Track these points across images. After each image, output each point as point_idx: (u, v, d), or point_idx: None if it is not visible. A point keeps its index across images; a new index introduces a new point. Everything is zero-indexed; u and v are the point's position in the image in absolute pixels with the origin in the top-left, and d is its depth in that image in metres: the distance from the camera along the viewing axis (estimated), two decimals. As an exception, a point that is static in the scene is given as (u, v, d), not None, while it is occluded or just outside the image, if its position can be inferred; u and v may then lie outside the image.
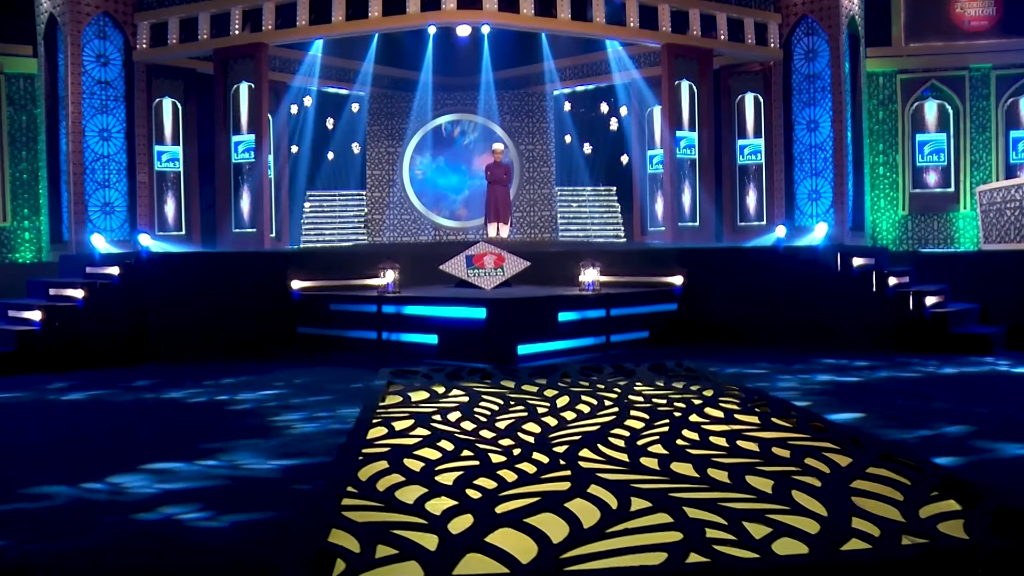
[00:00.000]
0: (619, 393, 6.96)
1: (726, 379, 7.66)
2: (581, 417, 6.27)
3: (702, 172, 19.00)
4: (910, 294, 11.72)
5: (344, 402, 7.61)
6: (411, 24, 17.73)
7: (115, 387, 9.14)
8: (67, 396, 8.66)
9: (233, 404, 8.00)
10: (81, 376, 9.92)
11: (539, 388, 7.23)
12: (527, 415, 6.30)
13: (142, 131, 19.11)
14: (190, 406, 8.03)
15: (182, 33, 18.73)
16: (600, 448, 5.37)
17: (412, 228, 21.55)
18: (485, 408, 6.50)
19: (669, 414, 6.26)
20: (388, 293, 11.92)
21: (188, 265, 12.55)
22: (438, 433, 5.69)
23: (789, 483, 4.55)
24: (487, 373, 7.90)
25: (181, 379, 9.59)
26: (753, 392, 6.91)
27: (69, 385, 9.31)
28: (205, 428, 6.93)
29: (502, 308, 10.61)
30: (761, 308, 12.49)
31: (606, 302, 11.72)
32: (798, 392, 8.09)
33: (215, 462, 5.67)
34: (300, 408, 7.52)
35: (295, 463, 5.47)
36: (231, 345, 11.91)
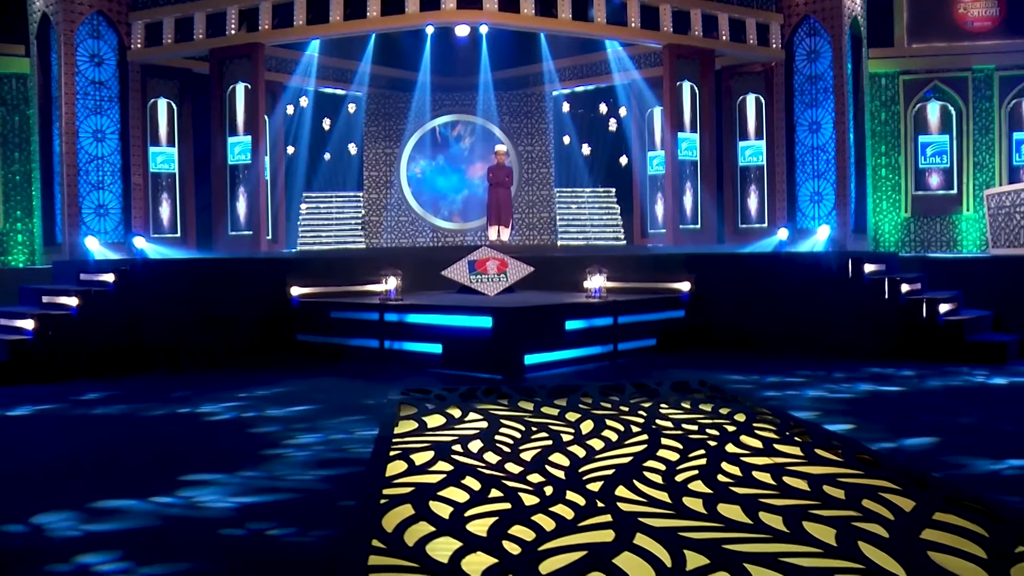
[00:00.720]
0: (645, 417, 6.50)
1: (756, 401, 7.21)
2: (609, 446, 5.81)
3: (703, 174, 18.57)
4: (923, 301, 11.30)
5: (351, 420, 7.16)
6: (410, 24, 17.25)
7: (109, 402, 8.65)
8: (60, 411, 8.17)
9: (234, 422, 7.54)
10: (75, 388, 9.43)
11: (560, 411, 6.78)
12: (552, 444, 5.84)
13: (137, 132, 18.59)
14: (186, 423, 7.56)
15: (177, 33, 18.21)
16: (637, 485, 4.92)
17: (410, 230, 21.07)
18: (506, 435, 6.05)
19: (703, 443, 5.81)
20: (390, 300, 11.47)
21: (184, 271, 12.06)
22: (461, 467, 5.23)
23: (852, 532, 4.10)
24: (502, 393, 7.44)
25: (177, 392, 9.11)
26: (789, 418, 6.46)
27: (63, 398, 8.82)
28: (203, 450, 6.48)
29: (509, 317, 10.15)
30: (770, 315, 12.06)
31: (613, 309, 11.28)
32: (817, 407, 7.67)
33: (214, 496, 5.22)
34: (307, 428, 7.08)
35: (308, 498, 5.02)
36: (229, 354, 11.43)
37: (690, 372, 9.78)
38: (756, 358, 10.99)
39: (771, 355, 11.22)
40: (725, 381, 9.16)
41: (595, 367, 10.62)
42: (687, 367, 10.30)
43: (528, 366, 10.17)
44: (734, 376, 9.52)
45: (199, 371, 10.52)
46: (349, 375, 10.16)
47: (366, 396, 8.62)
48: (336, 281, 12.53)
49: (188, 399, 8.63)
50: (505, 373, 9.98)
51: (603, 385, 7.75)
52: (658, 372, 9.91)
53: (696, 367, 10.24)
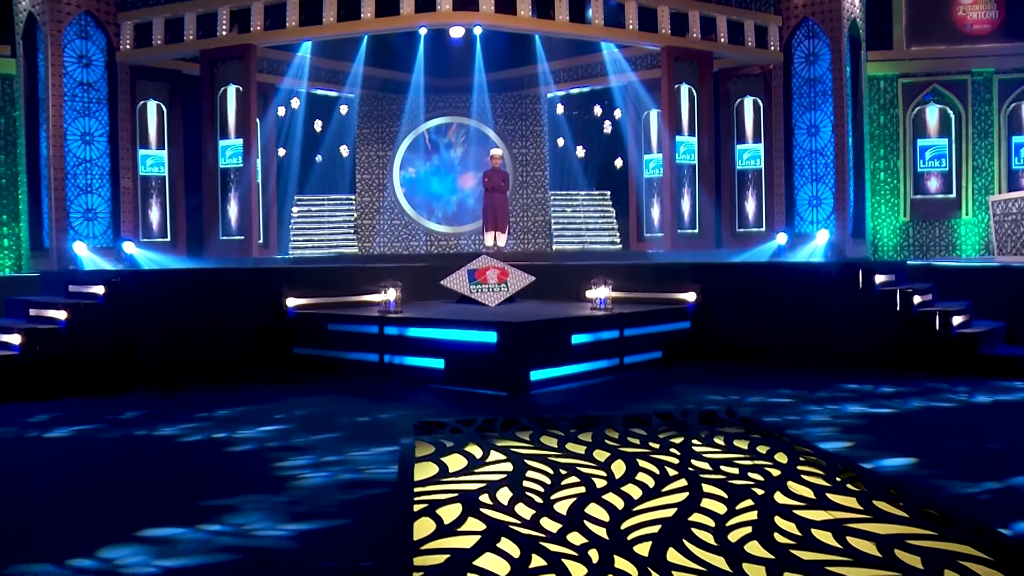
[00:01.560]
0: (679, 457, 5.98)
1: (792, 437, 6.69)
2: (647, 494, 5.29)
3: (702, 178, 18.08)
4: (935, 313, 10.80)
5: (362, 453, 6.64)
6: (405, 25, 16.68)
7: (101, 420, 8.04)
8: (49, 432, 7.57)
9: (232, 444, 6.96)
10: (64, 406, 8.81)
11: (586, 448, 6.24)
12: (585, 491, 5.32)
13: (126, 135, 17.95)
14: (185, 446, 6.97)
15: (167, 33, 17.58)
16: (688, 547, 4.40)
17: (403, 234, 20.49)
18: (535, 480, 5.52)
19: (748, 490, 5.29)
20: (390, 312, 10.89)
21: (177, 283, 11.45)
22: (495, 526, 4.68)
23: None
24: (521, 425, 6.91)
25: (173, 411, 8.50)
26: (835, 459, 5.95)
27: (51, 418, 8.19)
28: (204, 477, 5.94)
29: (514, 332, 9.62)
30: (778, 326, 11.56)
31: (620, 322, 10.76)
32: (832, 428, 7.15)
33: (220, 527, 4.72)
34: (308, 450, 6.53)
35: (316, 532, 4.48)
36: (224, 369, 10.84)
37: (702, 390, 9.27)
38: (767, 372, 10.49)
39: (781, 369, 10.71)
40: (741, 401, 8.67)
41: (601, 382, 10.11)
42: (698, 383, 9.78)
43: (534, 382, 9.65)
44: (751, 396, 9.02)
45: (192, 388, 9.93)
46: (350, 392, 9.60)
47: (373, 420, 8.10)
48: (333, 292, 11.96)
49: (179, 421, 8.05)
50: (511, 390, 9.47)
51: (627, 416, 7.22)
52: (669, 389, 9.40)
53: (707, 384, 9.73)
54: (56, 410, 8.68)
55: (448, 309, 11.51)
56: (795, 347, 11.36)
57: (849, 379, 9.86)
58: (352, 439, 7.13)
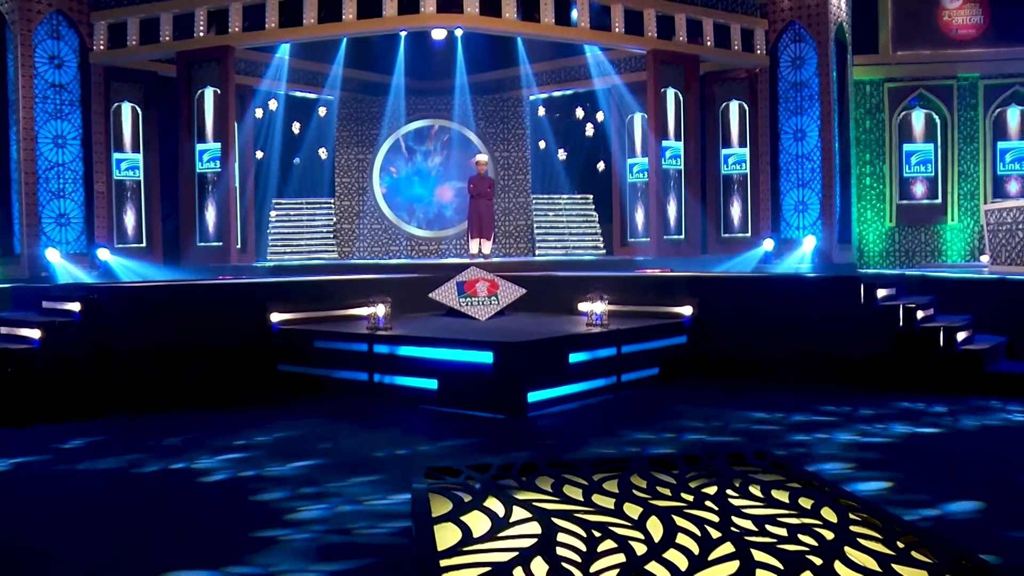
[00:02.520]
0: (717, 512, 5.37)
1: (836, 488, 6.11)
2: (694, 564, 4.69)
3: (688, 183, 17.57)
4: (940, 329, 10.27)
5: (360, 483, 6.04)
6: (387, 28, 16.10)
7: (77, 457, 7.30)
8: (20, 465, 6.87)
9: (222, 481, 6.31)
10: (38, 433, 8.11)
11: (615, 500, 5.63)
12: (625, 558, 4.71)
13: (100, 138, 17.21)
14: (169, 483, 6.31)
15: (142, 34, 16.85)
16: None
17: (383, 238, 19.81)
18: (569, 546, 4.90)
19: (803, 559, 4.70)
20: (379, 328, 10.23)
21: (158, 299, 10.71)
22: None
23: None
24: (540, 471, 6.28)
25: (156, 437, 7.81)
26: (890, 519, 5.37)
27: (23, 448, 7.48)
28: (196, 524, 5.30)
29: (512, 352, 9.01)
30: (777, 342, 10.98)
31: (617, 339, 10.17)
32: (856, 461, 6.60)
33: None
34: (314, 496, 5.90)
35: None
36: (207, 388, 10.12)
37: (705, 412, 8.76)
38: (768, 391, 9.95)
39: (782, 386, 10.17)
40: (744, 418, 8.18)
41: (600, 402, 9.54)
42: (699, 403, 9.26)
43: (531, 404, 9.06)
44: (755, 414, 8.48)
45: (173, 411, 9.23)
46: (340, 414, 8.97)
47: (367, 444, 7.48)
48: (319, 306, 11.29)
49: (163, 449, 7.35)
50: (507, 412, 8.89)
51: (650, 459, 6.62)
52: (671, 411, 8.89)
53: (709, 404, 9.21)
54: (29, 439, 7.95)
55: (439, 325, 10.89)
56: (795, 363, 10.81)
57: (856, 398, 9.34)
58: (354, 471, 6.50)
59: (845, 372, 10.50)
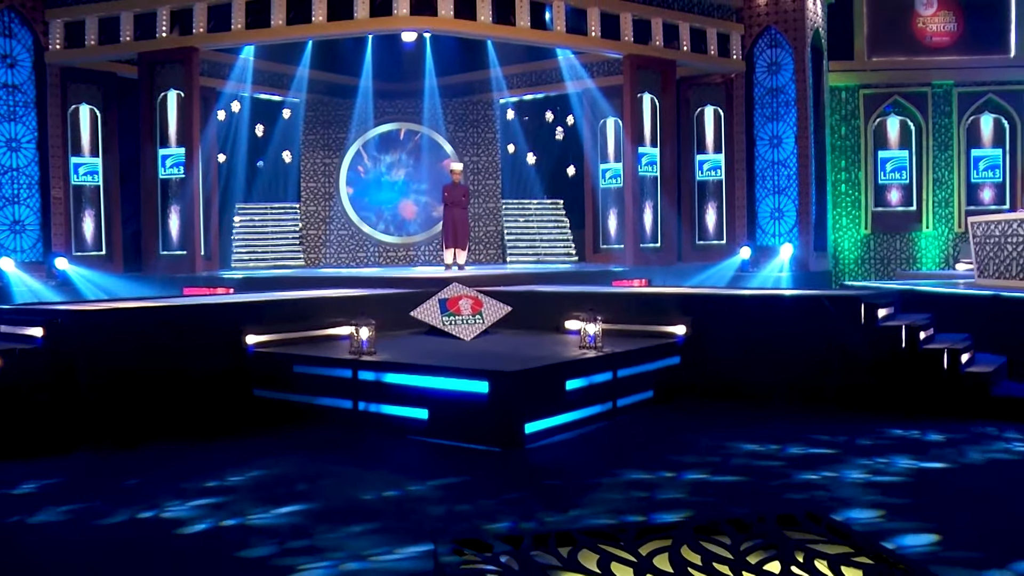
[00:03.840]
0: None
1: (906, 559, 5.53)
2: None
3: (664, 190, 17.02)
4: (944, 351, 9.75)
5: (358, 532, 5.40)
6: (359, 30, 15.42)
7: (28, 506, 6.45)
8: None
9: (200, 534, 5.61)
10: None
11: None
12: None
13: (56, 141, 16.29)
14: (138, 539, 5.57)
15: (101, 33, 15.97)
16: None
17: (350, 245, 19.07)
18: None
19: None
20: (363, 352, 9.53)
21: (127, 322, 9.85)
22: None
23: None
24: (574, 540, 5.65)
25: (122, 477, 7.05)
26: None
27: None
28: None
29: (508, 382, 8.36)
30: (773, 363, 10.41)
31: (613, 363, 9.56)
32: (877, 507, 6.04)
33: None
34: (305, 550, 5.23)
35: None
36: (179, 417, 9.33)
37: (708, 440, 8.21)
38: (763, 415, 9.41)
39: (777, 411, 9.63)
40: (746, 453, 7.62)
41: (596, 430, 8.94)
42: (700, 431, 8.70)
43: (528, 435, 8.42)
44: (756, 447, 7.92)
45: (144, 445, 8.45)
46: (323, 447, 8.28)
47: (357, 484, 6.79)
48: (297, 326, 10.56)
49: (129, 493, 6.62)
50: (503, 444, 8.24)
51: (696, 526, 5.98)
52: (673, 440, 8.34)
53: (710, 431, 8.65)
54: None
55: (424, 348, 10.23)
56: (792, 386, 10.25)
57: (854, 425, 8.81)
58: (349, 517, 5.83)
59: (844, 395, 9.97)
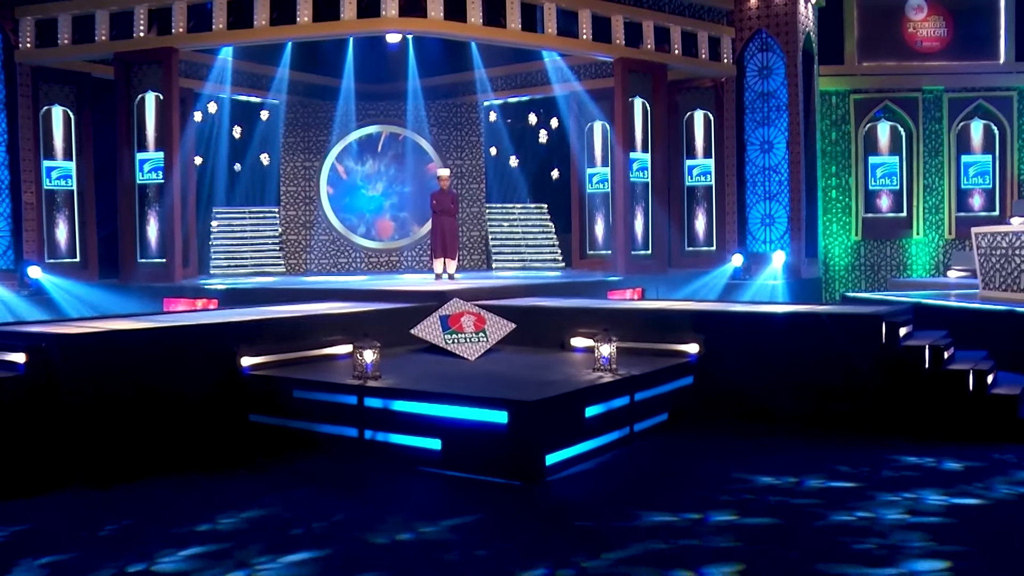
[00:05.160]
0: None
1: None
2: None
3: (655, 196, 16.51)
4: (969, 372, 9.30)
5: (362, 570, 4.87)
6: (346, 32, 14.83)
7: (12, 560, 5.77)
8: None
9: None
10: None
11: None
12: None
13: (28, 144, 15.49)
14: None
15: (75, 33, 15.20)
16: None
17: (331, 250, 18.39)
18: None
19: None
20: (368, 376, 8.93)
21: (116, 345, 9.06)
22: None
23: None
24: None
25: (107, 519, 6.33)
26: None
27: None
28: None
29: (528, 411, 7.79)
30: (791, 384, 9.89)
31: (630, 386, 9.03)
32: (938, 556, 5.56)
33: None
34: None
35: None
36: (170, 447, 8.63)
37: (733, 470, 7.69)
38: (779, 440, 8.91)
39: (794, 434, 9.12)
40: (773, 489, 7.12)
41: (615, 458, 8.42)
42: (722, 458, 8.21)
43: (549, 467, 7.88)
44: (774, 480, 7.40)
45: (133, 480, 7.73)
46: (328, 481, 7.64)
47: (370, 524, 6.20)
48: (294, 345, 9.93)
49: (115, 540, 5.94)
50: (524, 478, 7.67)
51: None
52: (696, 470, 7.87)
53: (732, 460, 8.14)
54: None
55: (429, 370, 9.64)
56: (811, 409, 9.76)
57: (877, 450, 8.32)
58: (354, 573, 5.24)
59: (862, 417, 9.48)
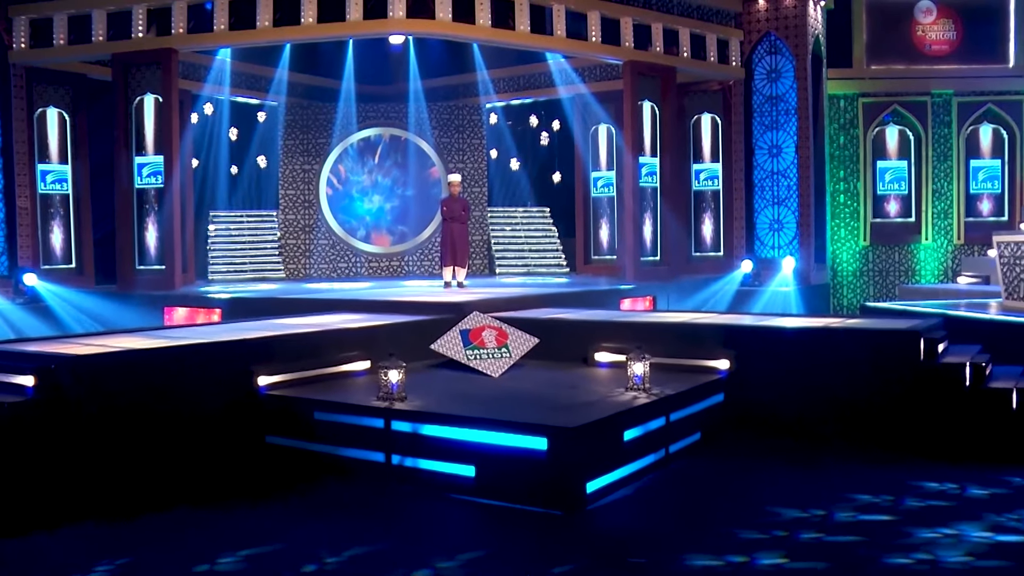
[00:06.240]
0: None
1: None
2: None
3: (664, 201, 16.11)
4: (1013, 391, 8.92)
5: None
6: (352, 33, 14.42)
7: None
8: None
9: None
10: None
11: None
12: None
13: (22, 147, 14.94)
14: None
15: (71, 33, 14.66)
16: None
17: (331, 254, 17.89)
18: None
19: None
20: (393, 396, 8.47)
21: (130, 366, 8.49)
22: None
23: None
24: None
25: (115, 555, 5.87)
26: None
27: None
28: None
29: (569, 438, 7.36)
30: (825, 402, 9.46)
31: (666, 407, 8.63)
32: None
33: None
34: None
35: None
36: (184, 473, 8.07)
37: (775, 494, 7.31)
38: (817, 462, 8.50)
39: (826, 454, 8.74)
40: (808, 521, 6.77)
41: (651, 482, 8.01)
42: (761, 482, 7.85)
43: (589, 494, 7.45)
44: (814, 511, 7.02)
45: (144, 512, 7.15)
46: (354, 511, 7.13)
47: (405, 560, 5.76)
48: (311, 363, 9.46)
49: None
50: (564, 507, 7.24)
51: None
52: (736, 494, 7.50)
53: (773, 483, 7.78)
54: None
55: (456, 389, 9.20)
56: (846, 428, 9.35)
57: (915, 472, 7.88)
58: None
59: (901, 438, 9.05)
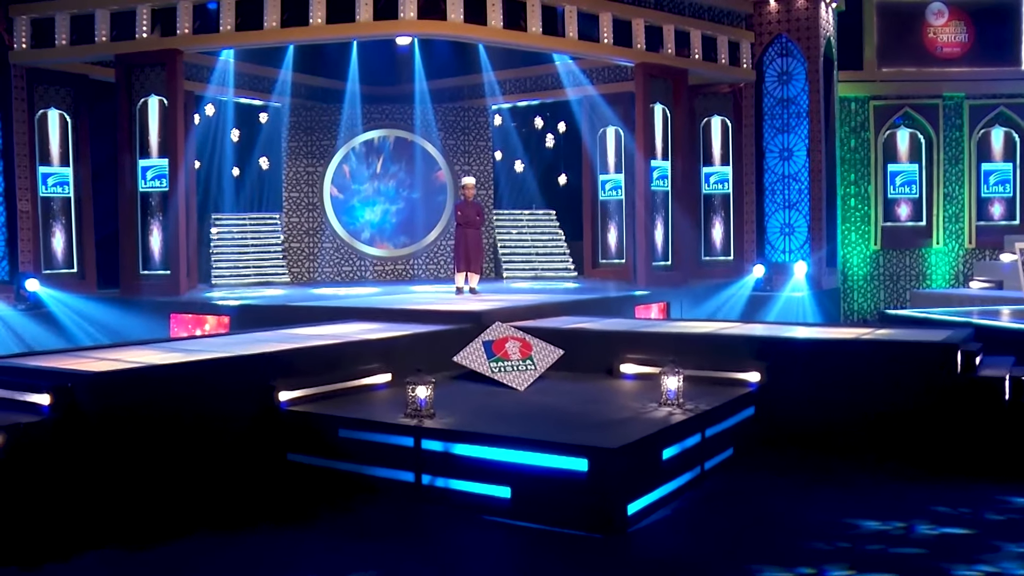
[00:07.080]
0: None
1: None
2: None
3: (675, 206, 15.81)
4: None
5: None
6: (362, 34, 14.08)
7: None
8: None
9: None
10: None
11: None
12: None
13: (22, 149, 14.54)
14: None
15: (73, 33, 14.29)
16: None
17: (336, 258, 17.54)
18: None
19: None
20: (422, 413, 8.12)
21: (150, 383, 8.08)
22: None
23: None
24: None
25: None
26: None
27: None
28: None
29: (610, 459, 7.05)
30: (857, 416, 9.14)
31: (702, 423, 8.33)
32: None
33: None
34: None
35: None
36: (205, 494, 7.68)
37: (817, 512, 7.08)
38: (845, 477, 8.24)
39: (861, 471, 8.42)
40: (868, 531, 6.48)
41: (689, 501, 7.70)
42: (798, 499, 7.61)
43: (630, 516, 7.14)
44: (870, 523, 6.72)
45: (167, 539, 6.76)
46: (383, 534, 6.75)
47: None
48: (330, 377, 9.11)
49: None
50: (605, 530, 6.92)
51: None
52: (780, 512, 7.21)
53: (808, 501, 7.55)
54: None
55: (484, 404, 8.87)
56: (879, 443, 9.02)
57: (955, 494, 7.62)
58: None
59: (939, 455, 8.72)
